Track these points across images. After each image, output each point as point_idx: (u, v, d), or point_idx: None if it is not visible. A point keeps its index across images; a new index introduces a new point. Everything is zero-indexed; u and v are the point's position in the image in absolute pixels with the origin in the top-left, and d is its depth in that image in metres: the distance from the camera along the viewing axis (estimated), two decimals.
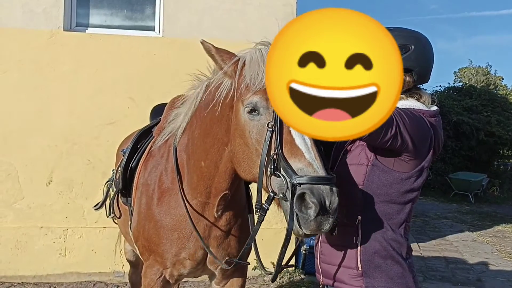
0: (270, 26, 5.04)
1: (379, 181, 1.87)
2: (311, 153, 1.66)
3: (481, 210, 11.46)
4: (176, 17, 5.07)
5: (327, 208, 1.57)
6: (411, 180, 1.88)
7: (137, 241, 2.49)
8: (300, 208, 1.58)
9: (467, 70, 19.94)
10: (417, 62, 1.96)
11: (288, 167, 1.64)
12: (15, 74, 4.85)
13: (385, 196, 1.88)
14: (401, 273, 1.91)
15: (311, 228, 1.59)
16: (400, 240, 1.93)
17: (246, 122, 1.83)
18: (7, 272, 4.81)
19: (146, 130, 2.87)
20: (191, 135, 2.23)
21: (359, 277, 1.91)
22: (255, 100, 1.78)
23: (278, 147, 1.68)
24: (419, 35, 2.05)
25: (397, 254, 1.92)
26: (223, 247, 2.33)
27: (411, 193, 1.91)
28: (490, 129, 14.56)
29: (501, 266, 6.37)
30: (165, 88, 4.55)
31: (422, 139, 1.84)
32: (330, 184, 1.60)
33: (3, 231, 4.83)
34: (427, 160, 1.90)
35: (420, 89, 2.07)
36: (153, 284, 2.39)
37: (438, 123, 1.98)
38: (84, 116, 4.94)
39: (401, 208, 1.92)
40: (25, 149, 4.86)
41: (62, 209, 4.93)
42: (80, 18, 5.13)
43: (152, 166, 2.47)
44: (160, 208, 2.33)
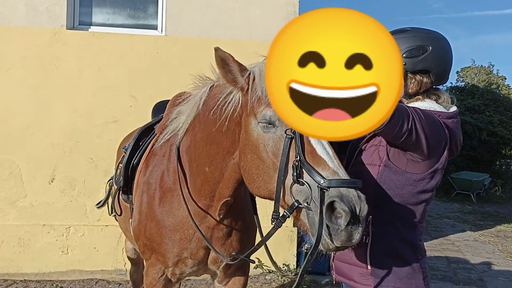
0: (273, 24, 5.08)
1: (391, 182, 1.86)
2: (334, 162, 1.60)
3: (483, 210, 11.45)
4: (179, 16, 5.08)
5: (357, 216, 1.50)
6: (424, 182, 1.86)
7: (138, 240, 2.48)
8: (330, 218, 1.50)
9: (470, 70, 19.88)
10: (435, 63, 1.92)
11: (314, 171, 1.56)
12: (19, 72, 4.87)
13: (397, 197, 1.86)
14: (411, 274, 1.90)
15: (342, 239, 1.50)
16: (411, 241, 1.91)
17: (260, 136, 1.76)
18: (10, 269, 4.84)
19: (148, 128, 2.86)
20: (193, 138, 2.21)
21: (368, 276, 1.91)
22: (269, 113, 1.71)
23: (300, 152, 1.60)
24: (437, 35, 2.00)
25: (407, 255, 1.90)
26: (225, 248, 2.32)
27: (424, 194, 1.89)
28: (492, 129, 14.53)
29: (503, 266, 6.37)
30: (168, 87, 4.57)
31: (436, 140, 1.81)
32: (356, 189, 1.53)
33: (6, 229, 4.85)
34: (441, 162, 1.87)
35: (438, 89, 2.02)
36: (155, 282, 2.38)
37: (456, 125, 1.94)
38: (87, 114, 4.96)
39: (414, 209, 1.90)
40: (28, 147, 4.88)
41: (64, 207, 4.95)
42: (83, 16, 5.14)
43: (154, 165, 2.46)
44: (162, 208, 2.33)
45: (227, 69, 1.81)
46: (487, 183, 13.47)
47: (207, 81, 2.20)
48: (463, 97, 15.74)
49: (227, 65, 1.81)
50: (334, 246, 1.54)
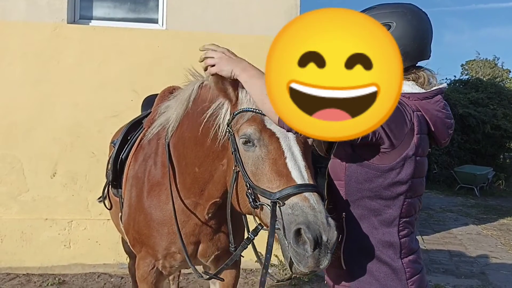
0: (273, 18, 5.05)
1: (359, 175, 1.72)
2: (300, 170, 1.63)
3: (486, 203, 11.43)
4: (180, 10, 5.05)
5: (325, 243, 1.51)
6: (395, 172, 1.69)
7: (128, 233, 2.50)
8: (297, 243, 1.52)
9: (474, 63, 19.75)
10: (401, 40, 1.70)
11: (264, 191, 1.62)
12: (19, 66, 4.86)
13: (368, 191, 1.72)
14: (391, 275, 1.74)
15: (309, 265, 1.51)
16: (388, 239, 1.75)
17: (241, 152, 1.75)
18: (13, 263, 4.86)
19: (136, 122, 2.86)
20: (181, 135, 2.20)
21: (344, 276, 1.79)
22: (249, 131, 1.71)
23: (248, 180, 1.68)
24: (403, 9, 1.81)
25: (385, 254, 1.75)
26: (213, 242, 2.34)
27: (399, 187, 1.71)
28: (496, 122, 14.47)
29: (505, 259, 6.37)
30: (168, 81, 4.53)
31: (396, 127, 1.64)
32: (328, 217, 1.54)
33: (8, 223, 4.87)
34: (411, 149, 1.69)
35: (420, 68, 1.86)
36: (146, 275, 2.40)
37: (435, 105, 1.77)
38: (88, 108, 4.96)
39: (389, 203, 1.73)
40: (30, 141, 4.88)
41: (66, 201, 4.96)
42: (84, 10, 5.12)
43: (142, 159, 2.47)
44: (150, 201, 2.34)
45: (218, 78, 1.79)
46: (491, 176, 13.42)
47: (197, 77, 2.17)
48: (467, 90, 15.67)
49: (217, 75, 1.78)
50: (300, 271, 1.55)
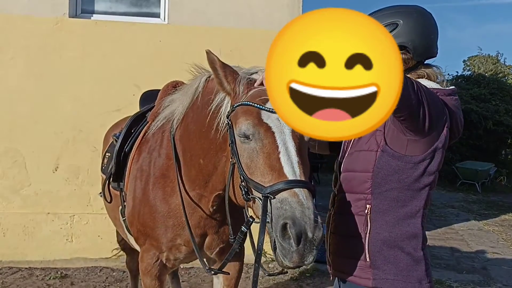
0: (276, 12, 5.03)
1: (390, 167, 1.77)
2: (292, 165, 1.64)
3: (488, 199, 11.42)
4: (182, 4, 5.04)
5: (310, 239, 1.52)
6: (425, 163, 1.76)
7: (132, 225, 2.50)
8: (283, 237, 1.54)
9: (476, 59, 19.62)
10: (409, 37, 1.84)
11: (257, 184, 1.64)
12: (22, 60, 4.87)
13: (397, 182, 1.78)
14: (412, 266, 1.81)
15: (293, 260, 1.54)
16: (413, 230, 1.81)
17: (238, 145, 1.78)
18: (15, 257, 4.89)
19: (139, 115, 2.86)
20: (185, 127, 2.22)
21: (367, 268, 1.82)
22: (244, 127, 1.73)
23: (242, 173, 1.71)
24: (410, 9, 1.91)
25: (408, 245, 1.81)
26: (218, 235, 2.36)
27: (426, 178, 1.79)
28: (498, 118, 14.41)
29: (507, 254, 6.38)
30: (171, 75, 4.51)
31: (438, 114, 1.70)
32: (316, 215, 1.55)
33: (10, 217, 4.89)
34: (441, 141, 1.76)
35: (429, 66, 1.94)
36: (150, 268, 2.40)
37: (455, 103, 1.85)
38: (90, 103, 4.96)
39: (415, 194, 1.80)
40: (32, 136, 4.90)
41: (68, 196, 4.98)
42: (85, 4, 5.11)
43: (147, 152, 2.47)
44: (155, 193, 2.35)
45: (215, 73, 1.85)
46: (492, 172, 13.40)
47: (203, 71, 2.20)
48: (469, 86, 15.59)
49: (214, 68, 1.84)
50: (286, 265, 1.57)
